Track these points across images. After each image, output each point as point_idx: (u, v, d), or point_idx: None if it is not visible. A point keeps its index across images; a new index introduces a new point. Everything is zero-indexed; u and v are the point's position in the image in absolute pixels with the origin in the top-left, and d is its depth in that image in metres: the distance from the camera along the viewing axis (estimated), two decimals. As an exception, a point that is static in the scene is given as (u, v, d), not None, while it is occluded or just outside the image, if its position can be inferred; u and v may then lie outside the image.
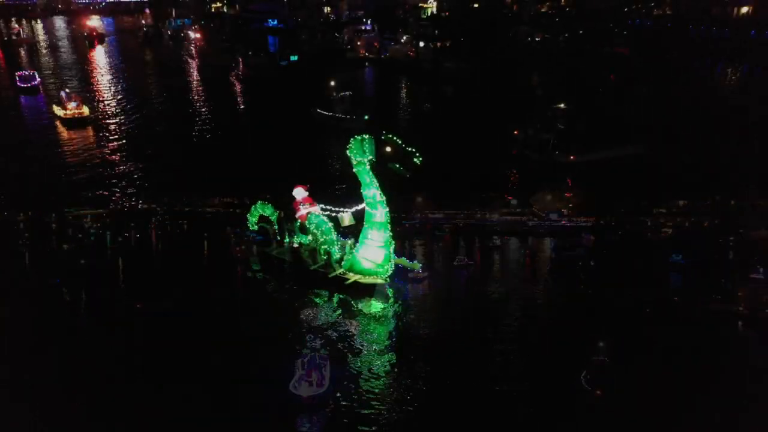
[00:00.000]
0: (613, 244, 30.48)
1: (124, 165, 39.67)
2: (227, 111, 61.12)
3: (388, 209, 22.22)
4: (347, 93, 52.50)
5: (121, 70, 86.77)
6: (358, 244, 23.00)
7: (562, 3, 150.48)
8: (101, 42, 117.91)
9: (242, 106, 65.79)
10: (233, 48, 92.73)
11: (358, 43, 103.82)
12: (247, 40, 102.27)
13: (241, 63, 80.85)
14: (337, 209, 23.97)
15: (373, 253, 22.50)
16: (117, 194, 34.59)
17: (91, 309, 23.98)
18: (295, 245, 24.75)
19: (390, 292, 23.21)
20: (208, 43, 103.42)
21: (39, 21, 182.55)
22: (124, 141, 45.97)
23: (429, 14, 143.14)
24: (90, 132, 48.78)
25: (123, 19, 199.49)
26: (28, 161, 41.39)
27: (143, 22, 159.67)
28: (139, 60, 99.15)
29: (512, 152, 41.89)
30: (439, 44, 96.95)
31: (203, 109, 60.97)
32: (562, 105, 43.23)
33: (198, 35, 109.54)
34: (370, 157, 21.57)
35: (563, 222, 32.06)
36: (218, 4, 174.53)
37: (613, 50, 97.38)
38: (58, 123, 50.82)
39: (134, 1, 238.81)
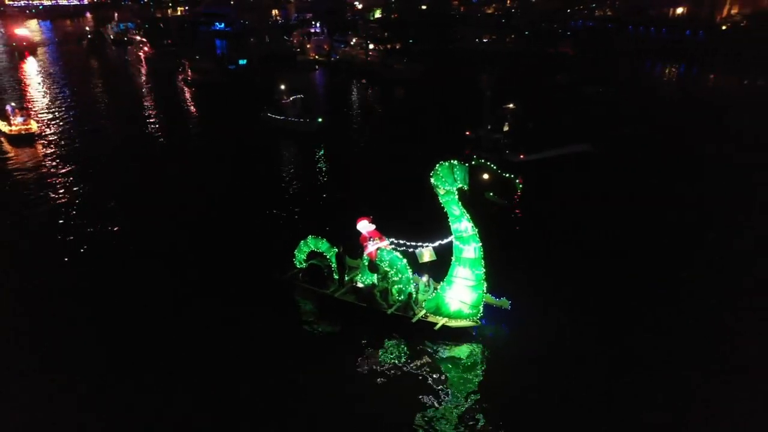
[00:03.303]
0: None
1: (82, 187, 36.92)
2: (178, 119, 59.26)
3: (480, 244, 19.33)
4: (299, 96, 51.52)
5: (64, 79, 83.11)
6: (444, 283, 20.07)
7: (508, 4, 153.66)
8: (32, 53, 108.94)
9: (193, 112, 64.55)
10: (179, 52, 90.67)
11: (308, 45, 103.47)
12: (193, 43, 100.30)
13: (188, 67, 79.07)
14: (413, 244, 20.58)
15: (464, 294, 19.54)
16: (83, 221, 31.58)
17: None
18: (359, 285, 21.53)
19: (480, 334, 20.12)
20: (153, 47, 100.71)
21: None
22: (75, 158, 43.48)
23: (376, 16, 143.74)
24: (39, 149, 45.86)
25: (63, 23, 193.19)
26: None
27: (87, 28, 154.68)
28: (83, 68, 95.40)
29: (465, 152, 42.38)
30: (389, 46, 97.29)
31: (153, 119, 59.22)
32: (511, 105, 43.89)
33: (143, 39, 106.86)
34: (461, 185, 18.51)
35: None
36: (183, 8, 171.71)
37: (558, 51, 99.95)
38: (3, 140, 47.79)
39: (74, 5, 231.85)
